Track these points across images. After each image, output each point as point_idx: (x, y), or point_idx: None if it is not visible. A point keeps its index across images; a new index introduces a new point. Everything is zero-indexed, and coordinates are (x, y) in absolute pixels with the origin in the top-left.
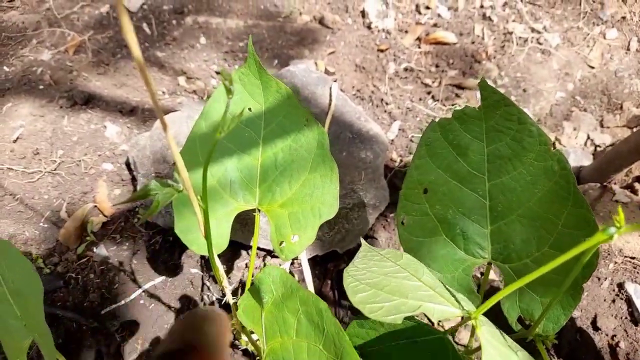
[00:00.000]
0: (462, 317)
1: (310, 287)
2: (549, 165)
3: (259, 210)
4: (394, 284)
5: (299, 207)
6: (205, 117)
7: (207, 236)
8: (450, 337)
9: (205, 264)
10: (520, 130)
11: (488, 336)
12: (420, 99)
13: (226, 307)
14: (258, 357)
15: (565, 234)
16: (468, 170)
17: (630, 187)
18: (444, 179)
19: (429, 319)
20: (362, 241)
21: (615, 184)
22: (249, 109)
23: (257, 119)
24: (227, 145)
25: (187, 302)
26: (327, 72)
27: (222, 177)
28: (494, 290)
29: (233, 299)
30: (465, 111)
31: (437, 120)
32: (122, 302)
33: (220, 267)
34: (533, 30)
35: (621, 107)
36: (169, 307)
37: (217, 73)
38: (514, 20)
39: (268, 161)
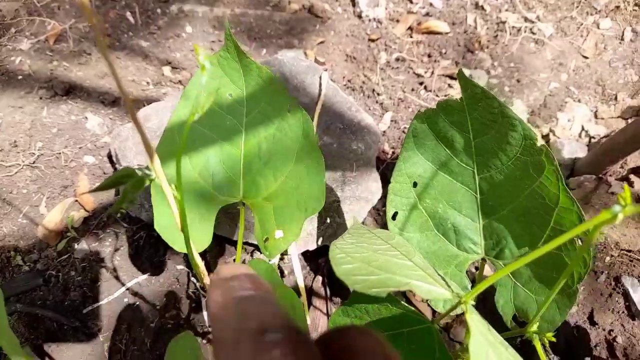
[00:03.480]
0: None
1: (301, 283)
2: (536, 160)
3: (244, 204)
4: (383, 260)
5: (284, 201)
6: (184, 104)
7: (184, 230)
8: (437, 327)
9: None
10: (504, 124)
11: (477, 323)
12: (412, 90)
13: None
14: None
15: (557, 231)
16: (457, 162)
17: (626, 179)
18: (433, 172)
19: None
20: (354, 218)
21: (610, 175)
22: (230, 95)
23: (239, 106)
24: (208, 135)
25: (173, 299)
26: (317, 62)
27: (204, 169)
28: (490, 288)
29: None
30: (449, 102)
31: (423, 111)
32: (105, 300)
33: (201, 264)
34: (526, 19)
35: (616, 98)
36: (154, 305)
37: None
38: (507, 10)
39: (251, 151)
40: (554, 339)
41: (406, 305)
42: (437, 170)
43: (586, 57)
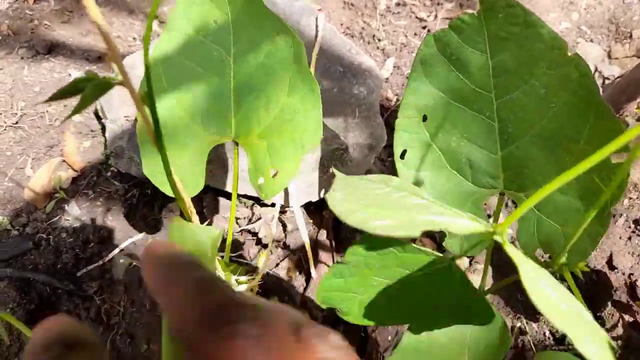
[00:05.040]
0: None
1: (305, 237)
2: (565, 73)
3: (237, 144)
4: (395, 201)
5: (279, 137)
6: (167, 36)
7: (162, 153)
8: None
9: None
10: (529, 36)
11: (519, 253)
12: (415, 34)
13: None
14: None
15: (589, 152)
16: (472, 88)
17: None
18: (445, 102)
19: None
20: (335, 171)
21: (627, 116)
22: (215, 22)
23: (226, 34)
24: (195, 68)
25: None
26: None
27: (192, 106)
28: None
29: None
30: (463, 19)
31: (432, 33)
32: (100, 262)
33: (187, 198)
34: None
35: (630, 36)
36: None
37: None
38: None
39: (242, 83)
40: (587, 269)
41: (419, 247)
42: (449, 100)
43: None
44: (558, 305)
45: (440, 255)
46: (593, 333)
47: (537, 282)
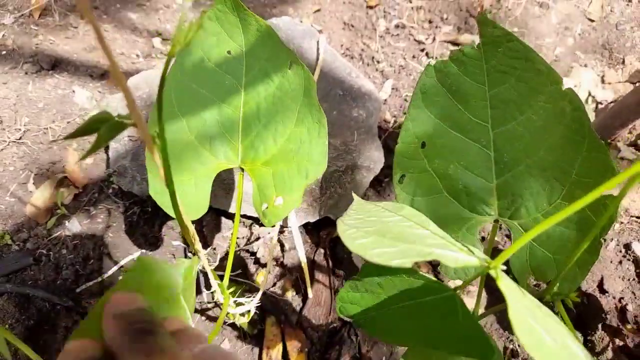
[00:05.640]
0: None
1: (302, 257)
2: (559, 107)
3: (242, 170)
4: (398, 231)
5: (284, 166)
6: (179, 64)
7: (170, 187)
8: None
9: None
10: (527, 69)
11: (512, 289)
12: (413, 57)
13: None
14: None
15: (580, 183)
16: (469, 118)
17: (634, 145)
18: (444, 130)
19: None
20: (354, 196)
21: (619, 141)
22: (229, 52)
23: (238, 64)
24: (206, 95)
25: None
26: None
27: (201, 132)
28: (498, 252)
29: (211, 265)
30: (464, 51)
31: (432, 63)
32: (99, 278)
33: (191, 227)
34: None
35: (623, 62)
36: None
37: None
38: None
39: (251, 112)
40: (577, 299)
41: (424, 274)
42: (447, 129)
43: (592, 21)
44: (543, 340)
45: (444, 284)
46: None
47: (526, 319)
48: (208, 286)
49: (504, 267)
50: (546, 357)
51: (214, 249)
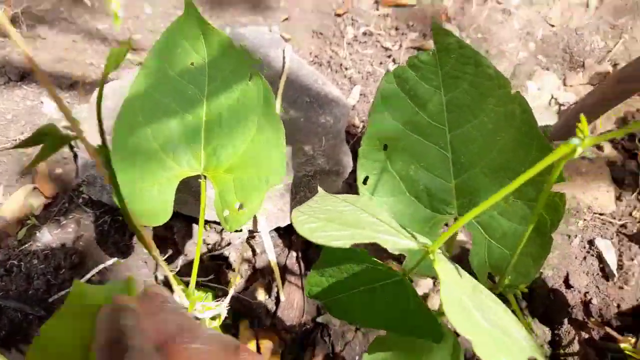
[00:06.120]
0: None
1: (273, 259)
2: (509, 110)
3: (205, 177)
4: (349, 218)
5: (245, 173)
6: (144, 75)
7: (118, 196)
8: (408, 280)
9: (158, 241)
10: (478, 74)
11: (447, 271)
12: (380, 63)
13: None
14: None
15: (532, 182)
16: (428, 122)
17: (596, 144)
18: (404, 133)
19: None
20: (319, 189)
21: None
22: (192, 64)
23: (201, 75)
24: (170, 105)
25: (142, 283)
26: (282, 38)
27: (165, 140)
28: (465, 252)
29: (172, 272)
30: (420, 57)
31: (392, 69)
32: (71, 287)
33: (147, 237)
34: None
35: (583, 65)
36: None
37: None
38: None
39: (213, 121)
40: (526, 290)
41: (376, 260)
42: (407, 132)
43: (553, 26)
44: (474, 318)
45: (394, 270)
46: (519, 351)
47: (458, 299)
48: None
49: (441, 252)
50: (475, 334)
51: (186, 255)
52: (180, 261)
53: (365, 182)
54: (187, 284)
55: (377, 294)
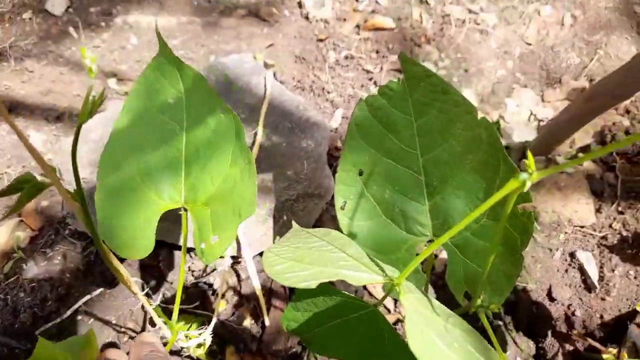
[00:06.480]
0: (387, 287)
1: (257, 285)
2: (476, 134)
3: (186, 210)
4: (316, 255)
5: (221, 205)
6: (126, 111)
7: (94, 237)
8: (380, 310)
9: (144, 270)
10: (446, 101)
11: (413, 302)
12: (362, 86)
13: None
14: None
15: (500, 202)
16: (400, 147)
17: (575, 158)
18: (378, 158)
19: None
20: (294, 224)
21: (559, 155)
22: (171, 99)
23: (179, 110)
24: (151, 140)
25: (128, 312)
26: (266, 64)
27: (147, 174)
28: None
29: (155, 301)
30: (390, 86)
31: (364, 98)
32: (58, 320)
33: (124, 272)
34: (470, 11)
35: (560, 81)
36: (108, 321)
37: None
38: (450, 3)
39: (191, 155)
40: (497, 310)
41: (346, 293)
42: (381, 157)
43: (529, 44)
44: (434, 344)
45: (365, 302)
46: None
47: (420, 330)
48: (153, 324)
49: (407, 283)
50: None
51: (171, 283)
52: (165, 289)
53: (343, 207)
54: (172, 312)
55: (351, 326)
